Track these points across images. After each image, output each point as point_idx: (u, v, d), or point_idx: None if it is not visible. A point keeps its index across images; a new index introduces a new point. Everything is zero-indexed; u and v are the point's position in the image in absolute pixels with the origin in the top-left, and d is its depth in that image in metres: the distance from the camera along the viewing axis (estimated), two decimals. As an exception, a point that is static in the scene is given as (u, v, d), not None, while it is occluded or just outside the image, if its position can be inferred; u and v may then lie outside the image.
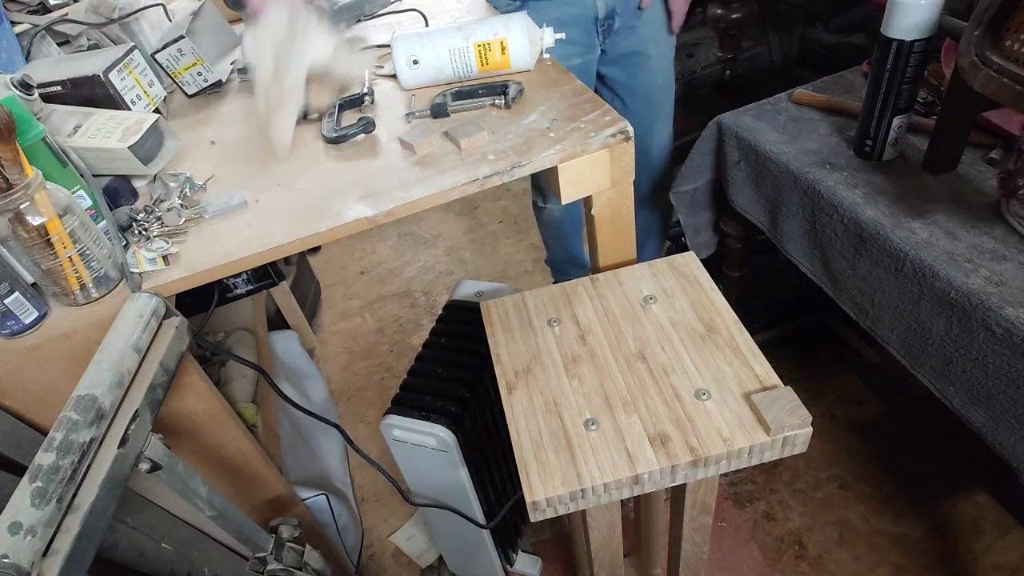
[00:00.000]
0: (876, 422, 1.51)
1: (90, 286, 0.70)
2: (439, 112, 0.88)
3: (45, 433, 0.58)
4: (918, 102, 1.09)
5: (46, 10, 1.09)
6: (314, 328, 2.03)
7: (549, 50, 0.95)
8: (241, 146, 0.93)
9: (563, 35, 0.94)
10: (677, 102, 1.47)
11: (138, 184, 0.88)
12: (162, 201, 0.82)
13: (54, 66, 0.94)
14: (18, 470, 0.66)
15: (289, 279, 1.83)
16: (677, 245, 1.81)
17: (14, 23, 1.04)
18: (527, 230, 2.32)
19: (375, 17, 1.22)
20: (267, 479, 0.94)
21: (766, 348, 0.75)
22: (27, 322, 0.68)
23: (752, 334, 0.77)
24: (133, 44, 0.96)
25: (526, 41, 0.89)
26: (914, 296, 0.90)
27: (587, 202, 0.87)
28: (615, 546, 0.87)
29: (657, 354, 0.75)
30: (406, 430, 0.97)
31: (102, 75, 0.88)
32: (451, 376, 1.03)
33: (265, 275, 1.48)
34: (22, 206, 0.62)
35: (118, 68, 0.91)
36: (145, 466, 0.64)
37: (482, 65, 0.91)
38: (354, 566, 1.37)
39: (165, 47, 1.01)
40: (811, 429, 0.65)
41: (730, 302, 0.81)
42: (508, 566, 1.28)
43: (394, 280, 2.23)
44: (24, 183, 0.62)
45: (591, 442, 0.68)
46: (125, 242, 0.77)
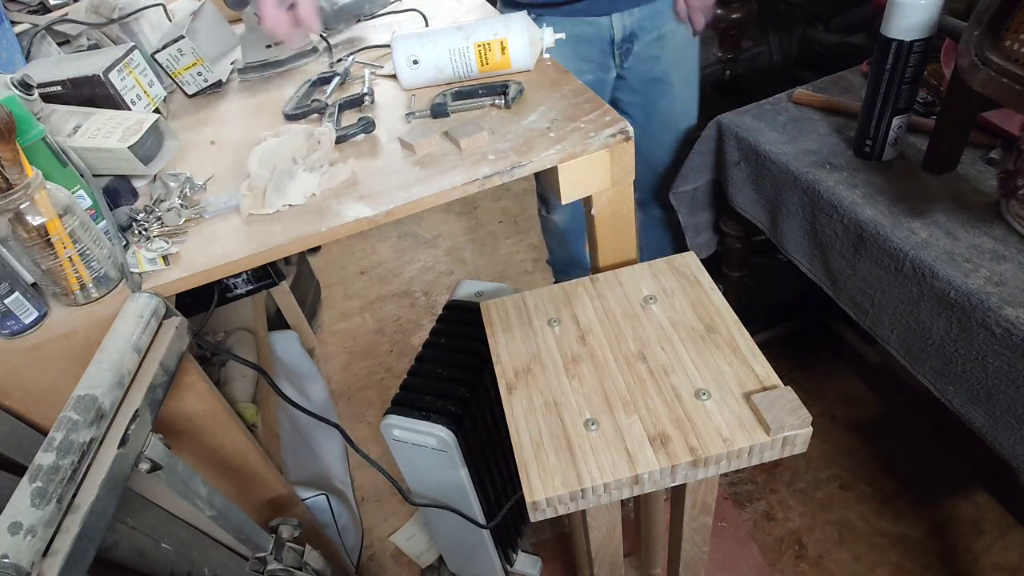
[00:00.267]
0: (876, 422, 1.51)
1: (90, 286, 0.70)
2: (439, 112, 0.88)
3: (45, 433, 0.58)
4: (918, 102, 1.09)
5: (46, 10, 1.09)
6: (314, 328, 2.03)
7: (549, 50, 0.95)
8: (241, 146, 0.93)
9: (563, 35, 0.94)
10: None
11: (138, 184, 0.88)
12: (162, 201, 0.82)
13: (54, 66, 0.94)
14: (18, 470, 0.66)
15: (289, 279, 1.83)
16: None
17: (14, 23, 1.04)
18: (527, 230, 2.32)
19: (375, 17, 1.22)
20: (267, 479, 0.94)
21: (766, 348, 0.75)
22: (27, 322, 0.68)
23: (752, 334, 0.77)
24: (133, 44, 0.96)
25: (526, 41, 0.89)
26: (914, 296, 0.90)
27: (587, 202, 0.87)
28: (615, 546, 0.87)
29: (657, 354, 0.75)
30: (406, 430, 0.97)
31: (102, 75, 0.88)
32: (451, 376, 1.03)
33: (265, 275, 1.48)
34: (22, 206, 0.62)
35: (118, 68, 0.91)
36: (145, 466, 0.64)
37: (482, 65, 0.91)
38: (354, 566, 1.37)
39: (165, 47, 1.01)
40: (811, 429, 0.65)
41: (730, 302, 0.81)
42: (508, 566, 1.28)
43: (394, 280, 2.23)
44: (24, 183, 0.62)
45: (591, 442, 0.68)
46: (125, 242, 0.77)
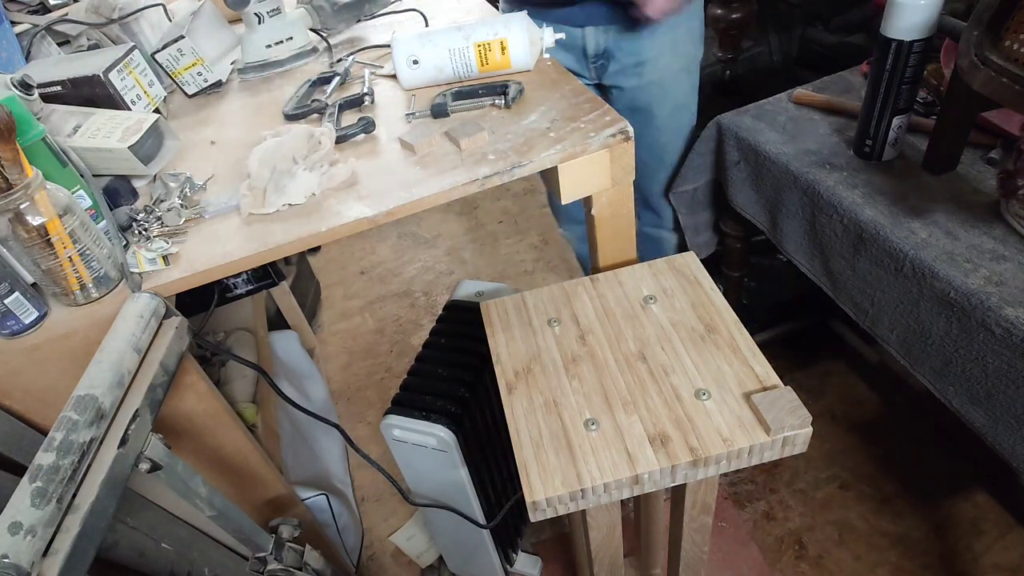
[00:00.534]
0: (876, 422, 1.51)
1: (90, 286, 0.70)
2: (439, 112, 0.88)
3: (45, 433, 0.58)
4: (918, 102, 1.09)
5: (46, 10, 1.09)
6: (314, 328, 2.03)
7: (549, 50, 0.95)
8: (241, 146, 0.93)
9: (563, 35, 0.94)
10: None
11: (138, 184, 0.88)
12: (162, 201, 0.82)
13: (54, 66, 0.94)
14: (18, 470, 0.66)
15: (289, 279, 1.83)
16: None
17: (14, 23, 1.04)
18: (527, 230, 2.32)
19: (375, 17, 1.22)
20: (267, 479, 0.94)
21: (766, 348, 0.75)
22: (27, 322, 0.68)
23: (752, 334, 0.77)
24: (133, 44, 0.97)
25: (526, 41, 0.89)
26: (914, 296, 0.90)
27: (587, 202, 0.87)
28: (615, 546, 0.87)
29: (657, 354, 0.75)
30: (406, 430, 0.97)
31: (102, 75, 0.88)
32: (451, 376, 1.03)
33: (265, 275, 1.48)
34: (22, 206, 0.62)
35: (118, 68, 0.91)
36: (145, 466, 0.64)
37: (482, 65, 0.91)
38: (354, 566, 1.37)
39: (165, 47, 1.01)
40: (811, 429, 0.65)
41: (730, 302, 0.81)
42: (508, 566, 1.28)
43: (394, 280, 2.23)
44: (24, 183, 0.62)
45: (591, 442, 0.68)
46: (125, 242, 0.77)
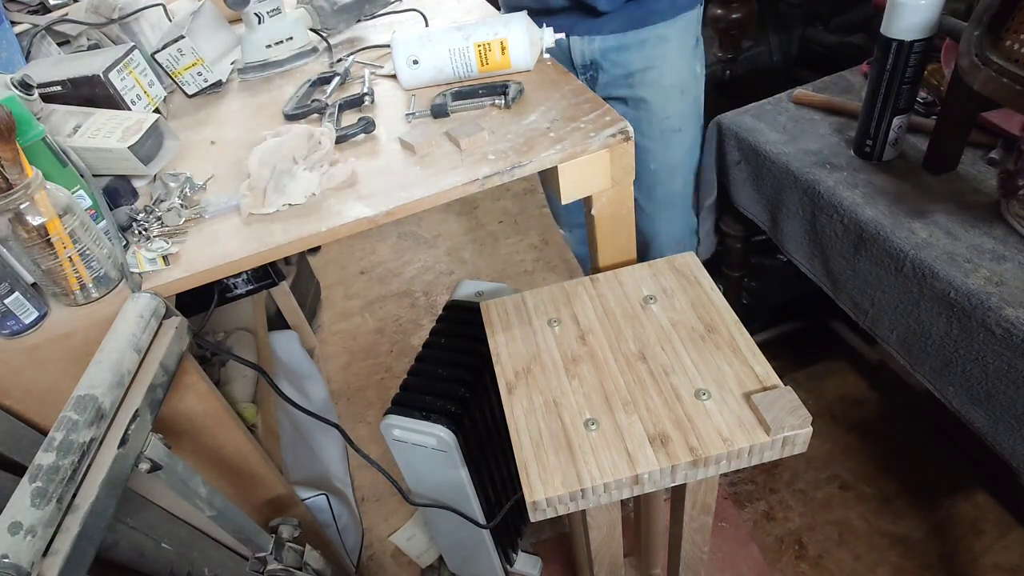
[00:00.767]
0: (876, 422, 1.51)
1: (90, 286, 0.70)
2: (439, 112, 0.88)
3: (45, 433, 0.58)
4: (918, 102, 1.09)
5: (46, 10, 1.09)
6: (314, 328, 2.03)
7: (549, 50, 0.95)
8: (241, 146, 0.93)
9: (563, 35, 0.94)
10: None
11: (138, 184, 0.88)
12: (162, 201, 0.82)
13: (54, 66, 0.94)
14: (18, 470, 0.66)
15: (289, 279, 1.83)
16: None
17: (14, 23, 1.04)
18: (527, 230, 2.32)
19: (375, 17, 1.22)
20: (267, 479, 0.94)
21: (766, 348, 0.75)
22: (27, 322, 0.68)
23: (752, 334, 0.77)
24: (133, 44, 0.96)
25: (526, 41, 0.89)
26: (914, 296, 0.90)
27: (587, 202, 0.87)
28: (615, 546, 0.87)
29: (657, 354, 0.75)
30: (406, 430, 0.97)
31: (102, 75, 0.88)
32: (451, 376, 1.03)
33: (265, 275, 1.48)
34: (22, 206, 0.62)
35: (118, 68, 0.91)
36: (145, 466, 0.64)
37: (482, 65, 0.91)
38: (354, 566, 1.37)
39: (165, 47, 1.01)
40: (811, 429, 0.65)
41: (730, 302, 0.81)
42: (508, 566, 1.28)
43: (394, 280, 2.23)
44: (24, 183, 0.62)
45: (591, 442, 0.68)
46: (125, 242, 0.77)
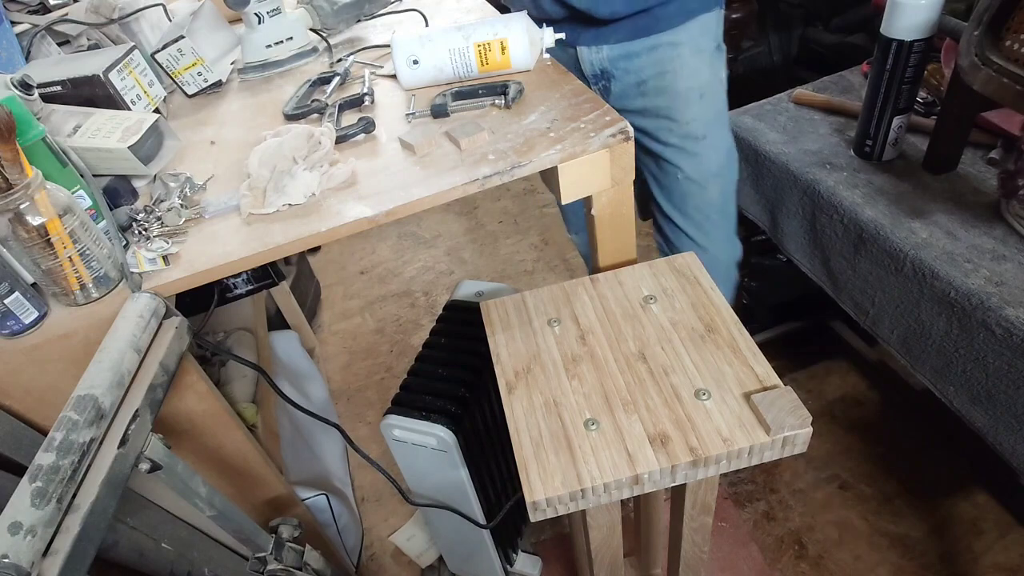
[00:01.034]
0: (876, 422, 1.51)
1: (90, 286, 0.70)
2: (439, 112, 0.88)
3: (45, 433, 0.58)
4: (918, 102, 1.09)
5: (46, 10, 1.09)
6: (314, 328, 2.03)
7: (549, 50, 0.95)
8: (241, 146, 0.93)
9: (563, 35, 0.94)
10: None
11: (138, 184, 0.88)
12: (162, 201, 0.81)
13: (54, 66, 0.94)
14: (18, 470, 0.66)
15: (289, 279, 1.83)
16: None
17: (14, 23, 1.04)
18: (527, 230, 2.32)
19: (375, 17, 1.22)
20: (267, 479, 0.94)
21: (766, 348, 0.75)
22: (27, 322, 0.68)
23: (752, 334, 0.77)
24: (133, 44, 0.96)
25: (526, 41, 0.89)
26: (914, 296, 0.90)
27: (587, 202, 0.87)
28: (615, 546, 0.87)
29: (657, 354, 0.75)
30: (406, 430, 0.97)
31: (102, 75, 0.88)
32: (451, 376, 1.03)
33: (265, 275, 1.48)
34: (22, 206, 0.62)
35: (118, 68, 0.91)
36: (145, 466, 0.64)
37: (482, 65, 0.91)
38: (354, 566, 1.37)
39: (165, 47, 1.01)
40: (811, 429, 0.65)
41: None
42: (508, 566, 1.28)
43: (394, 280, 2.23)
44: (24, 183, 0.62)
45: (591, 442, 0.68)
46: (125, 242, 0.77)
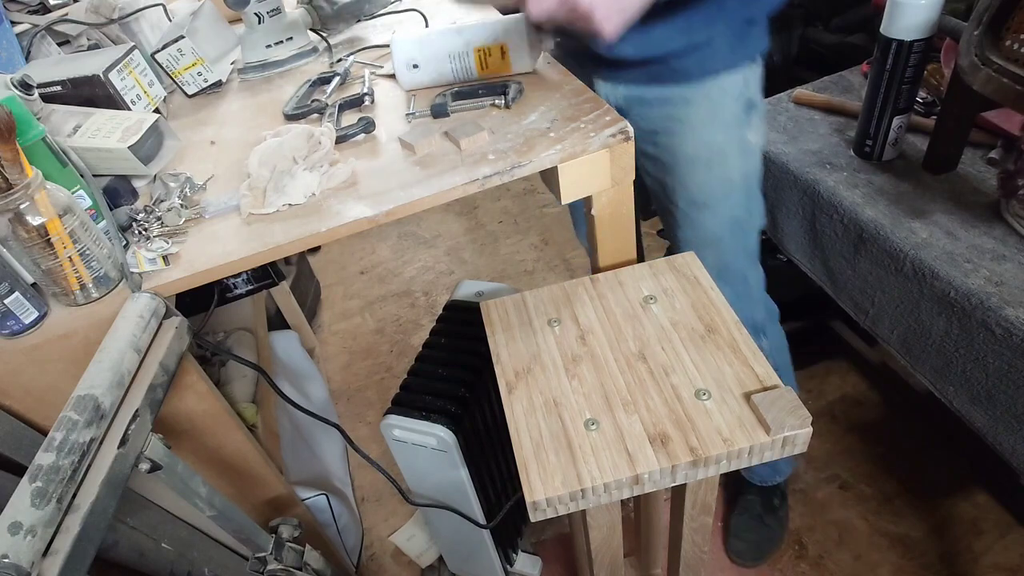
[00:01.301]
0: (876, 422, 1.51)
1: (90, 286, 0.70)
2: (439, 112, 0.88)
3: (45, 433, 0.58)
4: (918, 102, 1.09)
5: (46, 10, 1.09)
6: (314, 328, 2.03)
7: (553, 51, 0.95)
8: (241, 146, 0.93)
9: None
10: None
11: (138, 184, 0.88)
12: (162, 201, 0.81)
13: (54, 66, 0.94)
14: (18, 470, 0.66)
15: (289, 279, 1.83)
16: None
17: (14, 23, 1.04)
18: (527, 230, 2.32)
19: (375, 17, 1.22)
20: (267, 479, 0.94)
21: (766, 348, 0.75)
22: (27, 322, 0.68)
23: (752, 334, 0.77)
24: (133, 44, 0.96)
25: (526, 46, 0.89)
26: (914, 296, 0.90)
27: (587, 202, 0.87)
28: (615, 546, 0.87)
29: (657, 354, 0.75)
30: (406, 430, 0.97)
31: (102, 75, 0.88)
32: (451, 376, 1.03)
33: (265, 275, 1.48)
34: (22, 206, 0.62)
35: (118, 68, 0.91)
36: (145, 466, 0.64)
37: (482, 69, 0.91)
38: (354, 566, 1.37)
39: (165, 47, 1.01)
40: (811, 429, 0.65)
41: (730, 302, 0.81)
42: (508, 566, 1.28)
43: (394, 280, 2.23)
44: (24, 183, 0.62)
45: (591, 442, 0.68)
46: (125, 242, 0.77)
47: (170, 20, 1.17)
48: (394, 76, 0.98)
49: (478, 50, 0.89)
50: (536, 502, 0.65)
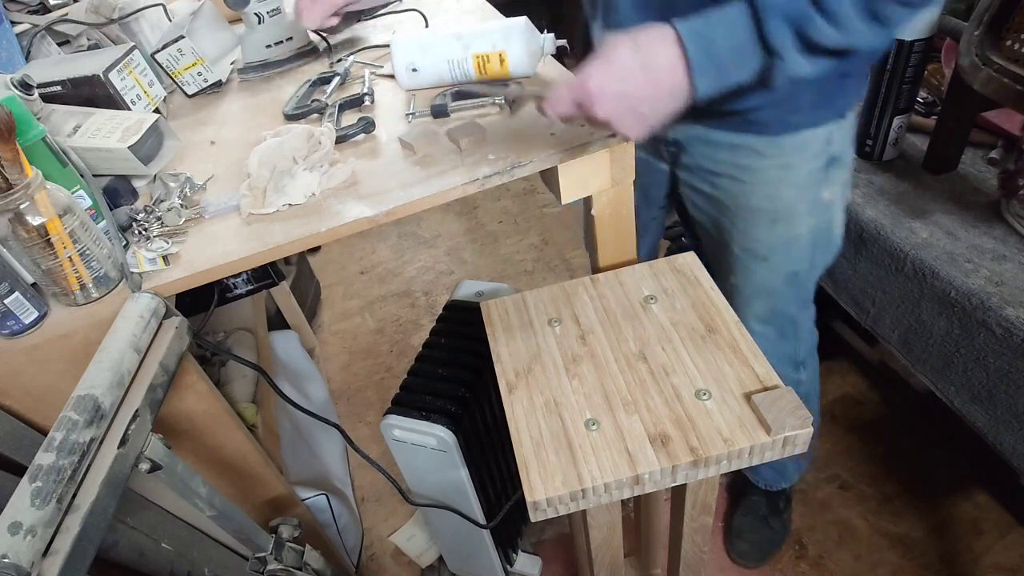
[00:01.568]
0: (876, 422, 1.51)
1: (90, 286, 0.70)
2: (439, 112, 0.88)
3: (45, 433, 0.58)
4: (918, 102, 1.09)
5: (46, 10, 1.09)
6: (314, 328, 2.03)
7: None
8: (241, 146, 0.93)
9: (564, 42, 0.93)
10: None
11: (138, 184, 0.88)
12: (162, 201, 0.81)
13: (54, 66, 0.94)
14: (18, 470, 0.66)
15: (289, 279, 1.83)
16: (678, 245, 1.81)
17: (14, 23, 1.04)
18: (527, 230, 2.32)
19: (375, 17, 1.22)
20: (267, 479, 0.94)
21: (766, 348, 0.75)
22: (27, 322, 0.68)
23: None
24: (133, 44, 0.96)
25: (524, 53, 0.88)
26: (914, 296, 0.90)
27: (587, 202, 0.87)
28: (615, 546, 0.87)
29: (657, 354, 0.75)
30: (406, 430, 0.97)
31: (102, 75, 0.88)
32: (451, 376, 1.03)
33: (265, 275, 1.48)
34: (22, 206, 0.62)
35: (118, 68, 0.91)
36: (145, 466, 0.64)
37: (480, 75, 0.91)
38: (354, 566, 1.37)
39: (165, 47, 1.01)
40: (811, 429, 0.65)
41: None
42: (508, 566, 1.28)
43: (394, 280, 2.23)
44: (24, 183, 0.62)
45: (591, 442, 0.68)
46: (125, 242, 0.77)
47: (170, 20, 1.17)
48: (394, 76, 0.98)
49: (477, 57, 0.89)
50: (536, 502, 0.65)
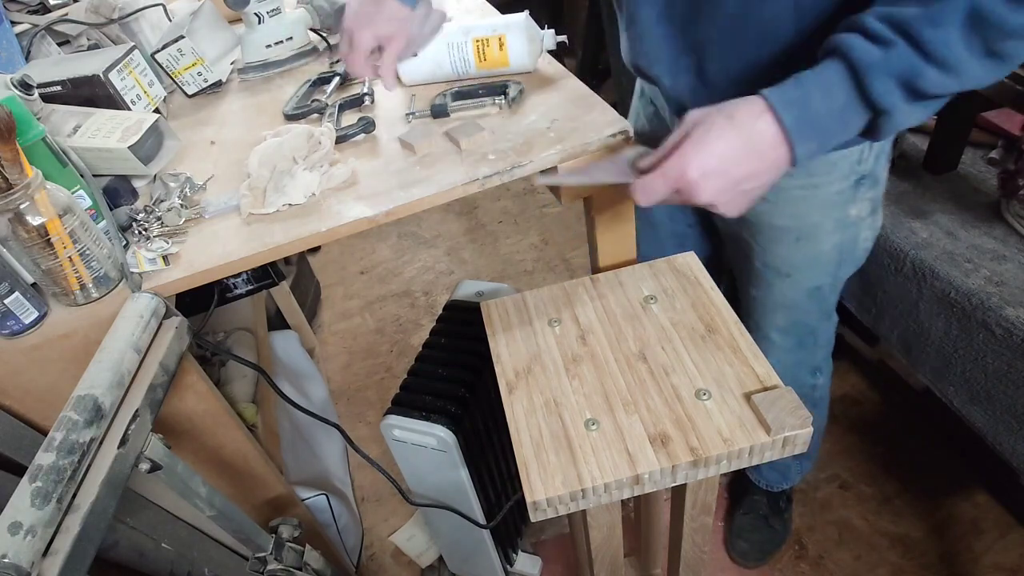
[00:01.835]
0: (876, 422, 1.51)
1: (90, 286, 0.70)
2: (439, 112, 0.88)
3: (45, 433, 0.58)
4: (918, 102, 1.09)
5: (46, 10, 1.09)
6: (314, 328, 2.03)
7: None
8: (241, 146, 0.93)
9: (564, 38, 0.93)
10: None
11: (138, 184, 0.88)
12: (162, 201, 0.81)
13: (54, 66, 0.94)
14: (18, 470, 0.66)
15: (289, 279, 1.83)
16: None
17: (14, 23, 1.04)
18: (527, 230, 2.32)
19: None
20: (267, 479, 0.94)
21: (766, 348, 0.75)
22: (27, 322, 0.68)
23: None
24: (133, 44, 0.96)
25: (525, 39, 0.89)
26: (914, 296, 0.90)
27: (587, 202, 0.87)
28: (615, 546, 0.87)
29: (657, 354, 0.75)
30: (406, 430, 0.97)
31: (102, 75, 0.88)
32: (451, 376, 1.03)
33: (265, 275, 1.48)
34: (22, 206, 0.62)
35: (118, 68, 0.91)
36: (145, 466, 0.64)
37: (480, 60, 0.91)
38: (354, 566, 1.37)
39: (165, 47, 1.01)
40: (811, 429, 0.65)
41: (730, 302, 0.81)
42: (508, 566, 1.28)
43: (394, 280, 2.23)
44: (24, 183, 0.62)
45: (591, 442, 0.68)
46: (125, 242, 0.77)
47: (170, 20, 1.17)
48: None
49: (477, 40, 0.89)
50: (536, 502, 0.65)
